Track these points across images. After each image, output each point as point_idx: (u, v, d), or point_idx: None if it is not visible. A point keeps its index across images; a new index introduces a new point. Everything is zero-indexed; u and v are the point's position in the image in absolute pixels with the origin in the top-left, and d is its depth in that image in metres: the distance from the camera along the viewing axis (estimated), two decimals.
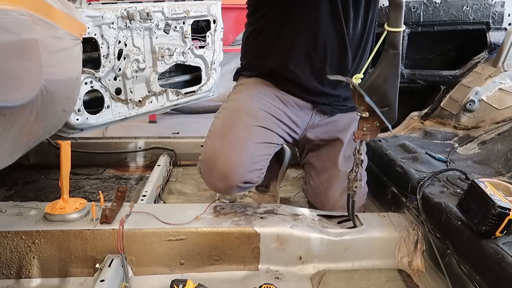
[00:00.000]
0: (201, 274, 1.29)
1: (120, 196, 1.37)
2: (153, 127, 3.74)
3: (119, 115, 2.00)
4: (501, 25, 2.07)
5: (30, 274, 1.24)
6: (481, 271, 1.06)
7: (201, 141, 2.23)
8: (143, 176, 2.09)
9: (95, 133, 2.21)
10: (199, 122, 3.85)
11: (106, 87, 1.90)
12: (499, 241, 1.04)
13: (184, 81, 2.40)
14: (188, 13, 2.15)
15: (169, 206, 1.70)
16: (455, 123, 1.98)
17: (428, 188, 1.36)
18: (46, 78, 1.04)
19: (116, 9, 1.85)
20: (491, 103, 1.91)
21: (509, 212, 1.01)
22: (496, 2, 2.03)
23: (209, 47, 2.35)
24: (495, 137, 1.71)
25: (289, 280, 1.27)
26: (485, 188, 1.09)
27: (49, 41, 1.08)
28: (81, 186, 1.96)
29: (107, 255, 1.25)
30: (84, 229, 1.25)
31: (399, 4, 1.07)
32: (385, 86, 1.15)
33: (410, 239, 1.35)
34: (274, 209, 1.41)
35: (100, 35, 1.80)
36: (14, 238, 1.23)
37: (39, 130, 1.22)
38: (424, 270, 1.31)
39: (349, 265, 1.33)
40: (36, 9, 1.00)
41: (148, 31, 2.01)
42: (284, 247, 1.30)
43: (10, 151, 1.05)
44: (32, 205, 1.37)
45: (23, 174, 2.04)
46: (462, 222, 1.15)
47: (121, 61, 1.92)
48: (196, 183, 2.02)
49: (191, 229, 1.28)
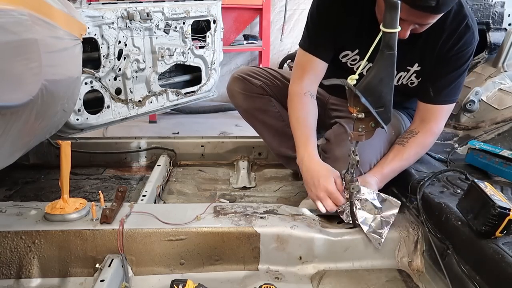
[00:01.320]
0: (201, 274, 1.29)
1: (120, 196, 1.37)
2: (153, 127, 3.74)
3: (119, 115, 2.00)
4: (501, 25, 2.07)
5: (30, 274, 1.24)
6: (481, 271, 1.06)
7: (201, 141, 2.25)
8: (143, 176, 2.08)
9: (95, 133, 2.21)
10: (199, 122, 3.85)
11: (106, 87, 1.90)
12: (499, 241, 1.04)
13: (184, 81, 2.41)
14: (188, 13, 2.15)
15: (169, 206, 1.70)
16: (455, 123, 1.98)
17: (428, 188, 1.36)
18: (46, 78, 1.04)
19: (116, 9, 1.85)
20: (491, 103, 1.92)
21: (509, 212, 1.01)
22: (496, 2, 2.03)
23: (209, 47, 2.35)
24: (495, 137, 1.71)
25: (289, 280, 1.27)
26: (485, 188, 1.09)
27: (49, 41, 1.08)
28: (81, 186, 1.95)
29: (107, 255, 1.25)
30: (84, 229, 1.25)
31: (394, 5, 1.07)
32: (381, 87, 1.15)
33: (410, 239, 1.35)
34: (274, 209, 1.41)
35: (100, 35, 1.81)
36: (14, 238, 1.23)
37: (39, 130, 1.22)
38: (424, 270, 1.31)
39: (349, 265, 1.33)
40: (36, 9, 1.00)
41: (148, 31, 2.01)
42: (284, 247, 1.30)
43: (10, 151, 1.05)
44: (32, 205, 1.37)
45: (23, 174, 2.04)
46: (462, 222, 1.15)
47: (121, 61, 1.93)
48: (196, 183, 2.02)
49: (191, 229, 1.28)
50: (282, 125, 1.79)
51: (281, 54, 4.50)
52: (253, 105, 1.80)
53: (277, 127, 1.81)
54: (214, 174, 2.13)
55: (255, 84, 1.77)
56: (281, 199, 1.85)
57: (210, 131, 3.50)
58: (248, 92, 1.78)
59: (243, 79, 1.78)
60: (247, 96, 1.79)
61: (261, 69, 1.85)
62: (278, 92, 1.79)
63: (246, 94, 1.79)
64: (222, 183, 2.03)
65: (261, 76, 1.80)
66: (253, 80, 1.78)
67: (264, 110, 1.80)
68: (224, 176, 2.12)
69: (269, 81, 1.80)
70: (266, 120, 1.82)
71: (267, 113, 1.81)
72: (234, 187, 1.98)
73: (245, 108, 1.84)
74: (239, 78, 1.79)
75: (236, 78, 1.80)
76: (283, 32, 4.53)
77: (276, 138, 1.83)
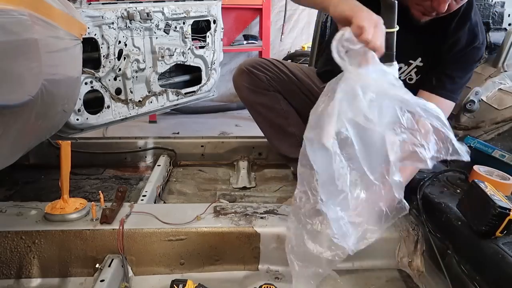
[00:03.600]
0: (201, 274, 1.29)
1: (120, 196, 1.37)
2: (153, 127, 3.74)
3: (119, 115, 2.00)
4: (501, 25, 2.07)
5: (30, 274, 1.24)
6: (481, 271, 1.06)
7: (201, 141, 2.25)
8: (143, 176, 2.09)
9: (95, 133, 2.21)
10: (199, 122, 3.85)
11: (106, 87, 1.90)
12: (499, 241, 1.04)
13: (184, 81, 2.40)
14: (188, 13, 2.15)
15: (169, 206, 1.70)
16: (455, 123, 1.98)
17: (428, 188, 1.36)
18: (46, 78, 1.04)
19: (116, 9, 1.85)
20: (491, 103, 1.91)
21: (509, 212, 1.01)
22: (496, 2, 2.03)
23: (209, 47, 2.35)
24: (495, 137, 1.71)
25: (289, 280, 1.27)
26: (485, 188, 1.09)
27: (49, 41, 1.08)
28: (81, 186, 1.95)
29: (107, 255, 1.25)
30: (84, 229, 1.25)
31: (391, 5, 1.07)
32: None
33: (410, 239, 1.35)
34: (274, 209, 1.41)
35: (100, 35, 1.80)
36: (14, 238, 1.23)
37: (39, 130, 1.22)
38: (424, 270, 1.31)
39: (349, 265, 1.33)
40: (36, 9, 1.00)
41: (148, 31, 2.01)
42: (284, 247, 1.30)
43: (10, 151, 1.05)
44: (32, 205, 1.37)
45: (23, 174, 2.04)
46: (462, 222, 1.15)
47: (121, 61, 1.92)
48: (196, 183, 2.02)
49: (191, 229, 1.28)
50: (285, 124, 1.79)
51: (281, 54, 4.50)
52: (259, 100, 1.79)
53: (280, 125, 1.80)
54: (214, 174, 2.13)
55: (261, 79, 1.75)
56: (281, 199, 1.85)
57: (210, 131, 3.50)
58: (254, 87, 1.77)
59: (249, 72, 1.76)
60: (253, 91, 1.78)
61: (268, 62, 1.82)
62: (284, 86, 1.78)
63: (252, 89, 1.77)
64: (222, 183, 2.03)
65: (268, 70, 1.77)
66: (260, 74, 1.75)
67: (269, 107, 1.79)
68: (224, 176, 2.12)
69: (276, 76, 1.78)
70: (270, 116, 1.81)
71: (272, 110, 1.80)
72: (234, 187, 1.98)
73: (251, 102, 1.83)
74: (245, 71, 1.77)
75: (243, 71, 1.78)
76: (283, 32, 4.53)
77: (278, 136, 1.83)
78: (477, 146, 1.51)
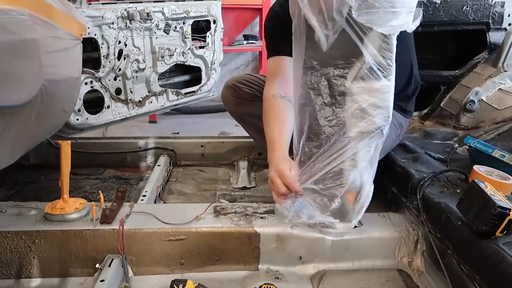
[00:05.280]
0: (201, 274, 1.29)
1: (120, 196, 1.37)
2: (153, 127, 3.74)
3: (119, 115, 2.00)
4: (501, 25, 2.07)
5: (30, 274, 1.24)
6: (481, 271, 1.06)
7: (201, 141, 2.25)
8: (143, 176, 2.09)
9: (95, 133, 2.21)
10: (199, 122, 3.85)
11: (106, 87, 1.90)
12: (499, 241, 1.04)
13: (184, 81, 2.40)
14: (188, 13, 2.15)
15: (169, 206, 1.70)
16: (455, 123, 1.98)
17: (428, 188, 1.36)
18: (46, 78, 1.04)
19: (116, 9, 1.85)
20: (491, 103, 1.91)
21: (509, 212, 1.01)
22: (496, 2, 2.03)
23: (209, 47, 2.35)
24: (495, 137, 1.71)
25: (289, 280, 1.27)
26: (485, 188, 1.09)
27: (49, 41, 1.08)
28: (81, 186, 1.95)
29: (107, 255, 1.25)
30: (84, 229, 1.25)
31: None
32: None
33: (410, 239, 1.35)
34: (274, 209, 1.41)
35: (100, 35, 1.81)
36: (14, 238, 1.23)
37: (39, 130, 1.22)
38: (424, 270, 1.31)
39: (349, 265, 1.33)
40: (36, 9, 1.00)
41: (148, 31, 2.01)
42: (284, 247, 1.30)
43: (10, 151, 1.05)
44: (32, 205, 1.37)
45: (23, 174, 2.04)
46: (462, 222, 1.15)
47: (121, 61, 1.92)
48: (196, 183, 2.02)
49: (191, 229, 1.28)
50: None
51: None
52: (245, 111, 1.84)
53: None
54: (214, 174, 2.13)
55: (246, 92, 1.81)
56: None
57: (210, 131, 3.50)
58: (240, 99, 1.83)
59: (235, 87, 1.83)
60: (239, 102, 1.83)
61: (253, 76, 1.88)
62: None
63: (238, 101, 1.83)
64: (222, 183, 2.03)
65: (254, 84, 1.82)
66: (244, 88, 1.82)
67: (255, 116, 1.79)
68: (224, 176, 2.12)
69: (261, 88, 1.78)
70: (258, 124, 1.81)
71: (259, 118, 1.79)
72: (234, 187, 1.98)
73: (238, 114, 1.90)
74: (231, 86, 1.85)
75: (229, 86, 1.85)
76: None
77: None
78: (477, 146, 1.51)
